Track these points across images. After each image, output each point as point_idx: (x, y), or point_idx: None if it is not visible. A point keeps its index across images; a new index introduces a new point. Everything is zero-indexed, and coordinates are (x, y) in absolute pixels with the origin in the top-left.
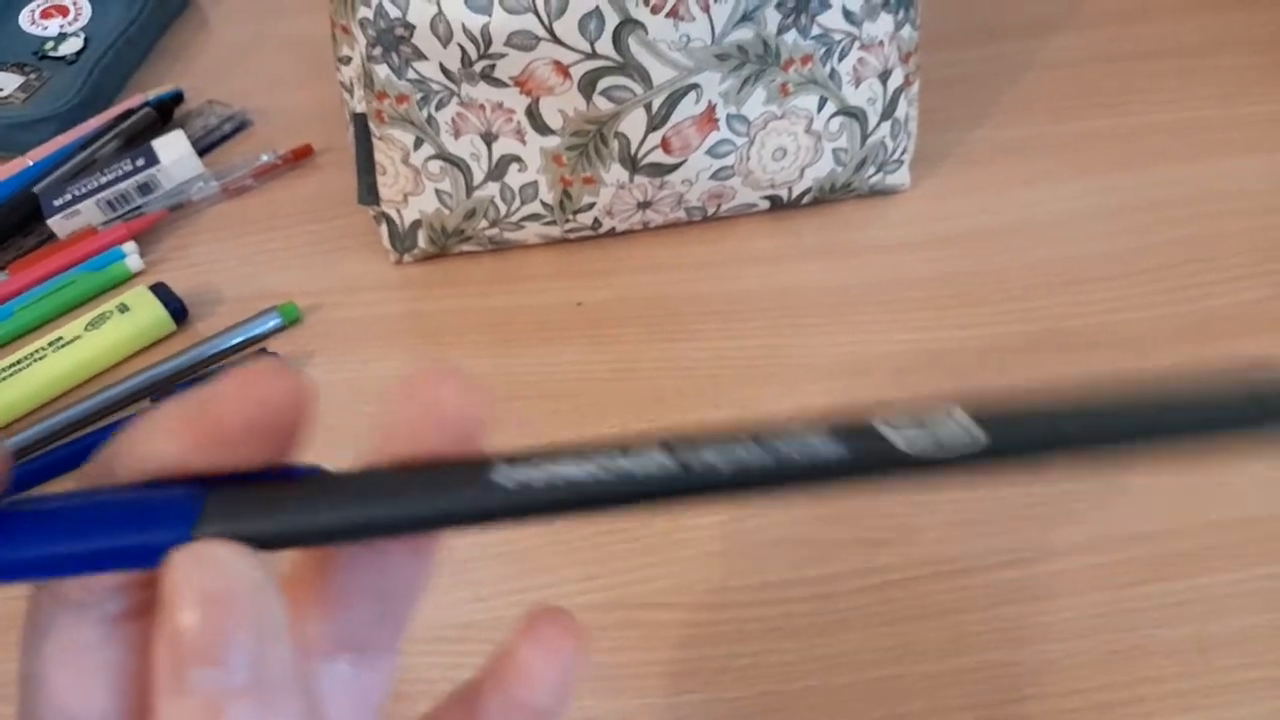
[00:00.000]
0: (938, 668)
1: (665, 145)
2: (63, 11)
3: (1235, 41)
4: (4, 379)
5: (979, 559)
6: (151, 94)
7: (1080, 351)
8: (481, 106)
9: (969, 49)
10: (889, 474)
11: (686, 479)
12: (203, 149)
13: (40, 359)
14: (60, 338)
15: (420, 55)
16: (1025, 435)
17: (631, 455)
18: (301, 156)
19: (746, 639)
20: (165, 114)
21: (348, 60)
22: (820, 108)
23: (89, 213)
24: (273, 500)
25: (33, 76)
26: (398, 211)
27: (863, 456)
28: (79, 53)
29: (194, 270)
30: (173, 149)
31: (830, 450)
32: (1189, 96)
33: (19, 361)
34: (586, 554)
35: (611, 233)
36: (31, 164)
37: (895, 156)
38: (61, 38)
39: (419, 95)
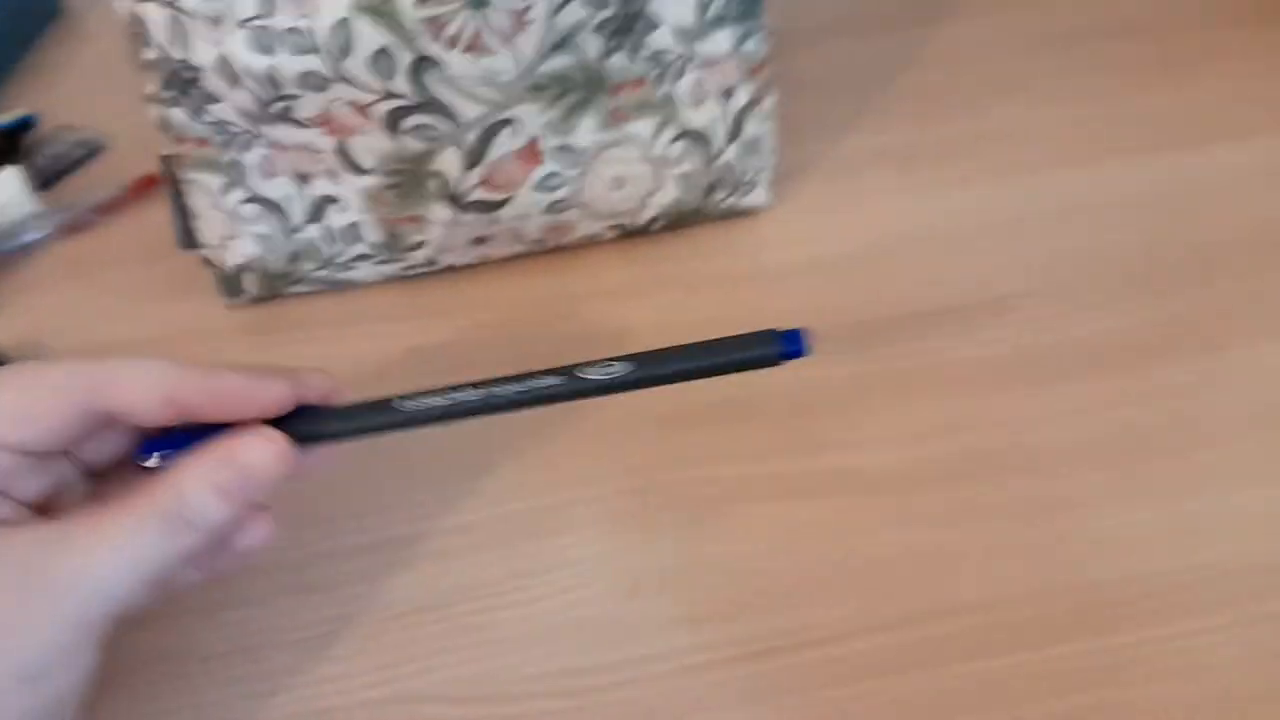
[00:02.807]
0: None
1: (488, 182)
2: None
3: (1113, 28)
4: None
5: (812, 632)
6: (1, 119)
7: (923, 390)
8: (288, 148)
9: (830, 45)
10: (585, 392)
11: (491, 401)
12: (49, 178)
13: None
14: None
15: (213, 98)
16: (648, 368)
17: (462, 391)
18: (147, 187)
19: None
20: (12, 143)
21: (155, 98)
22: (658, 132)
23: None
24: (288, 421)
25: None
26: (219, 257)
27: (571, 383)
28: None
29: (30, 318)
30: (4, 188)
31: (555, 381)
32: (1069, 92)
33: None
34: (383, 642)
35: (451, 268)
36: None
37: (749, 178)
38: None
39: (220, 138)
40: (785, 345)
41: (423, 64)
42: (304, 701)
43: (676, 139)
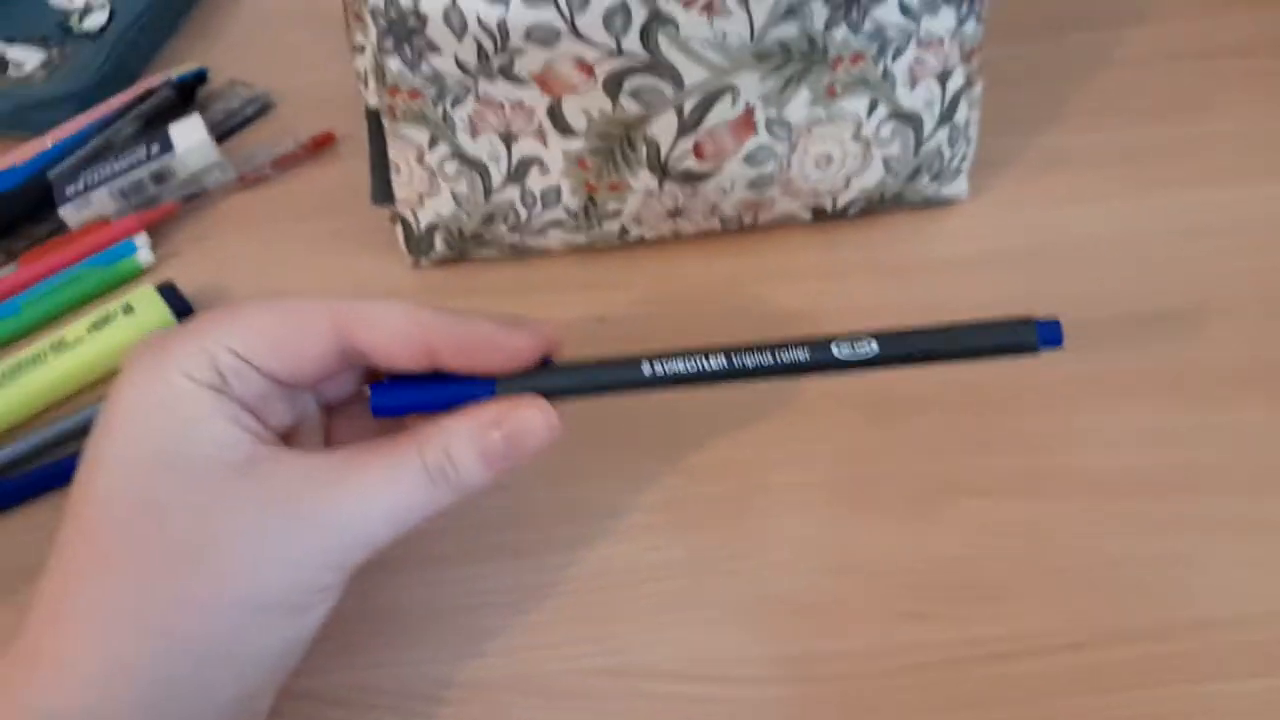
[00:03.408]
0: None
1: (698, 151)
2: None
3: None
4: (4, 385)
5: (1031, 640)
6: (174, 73)
7: (1141, 396)
8: (500, 105)
9: (1035, 42)
10: (834, 365)
11: (735, 370)
12: (223, 133)
13: (41, 363)
14: (63, 340)
15: (434, 48)
16: (899, 345)
17: (708, 357)
18: (323, 145)
19: (766, 718)
20: (188, 94)
21: (362, 49)
22: (871, 111)
23: (101, 202)
24: (525, 375)
25: (55, 52)
26: (413, 213)
27: (819, 355)
28: (104, 27)
29: (205, 266)
30: (189, 136)
31: (803, 354)
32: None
33: (20, 365)
34: (599, 612)
35: (640, 241)
36: (51, 145)
37: (953, 165)
38: (86, 11)
39: (433, 91)
40: (1043, 334)
41: (656, 22)
42: (522, 665)
43: (888, 119)
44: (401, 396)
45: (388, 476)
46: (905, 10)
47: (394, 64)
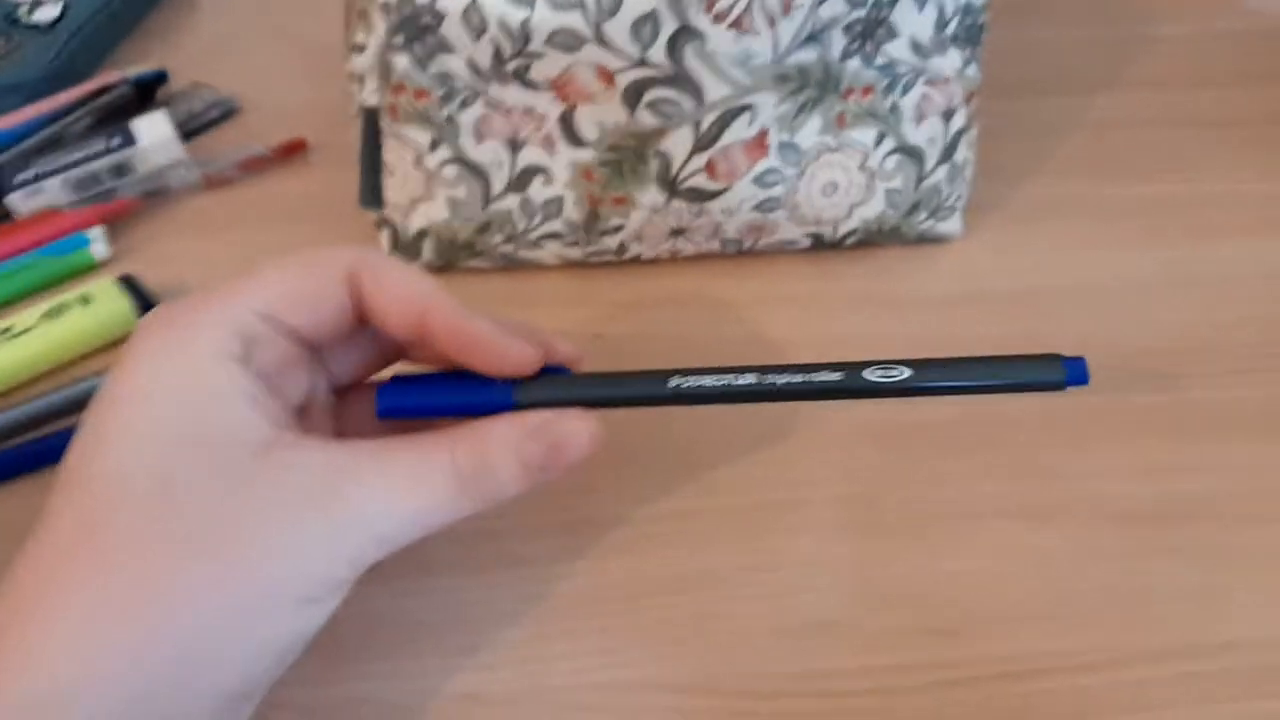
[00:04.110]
0: None
1: (710, 169)
2: None
3: None
4: None
5: (1057, 659)
6: (132, 71)
7: (1141, 430)
8: (510, 110)
9: (1023, 100)
10: (862, 392)
11: (764, 389)
12: (185, 134)
13: None
14: (11, 327)
15: (447, 48)
16: (931, 374)
17: (738, 375)
18: (293, 151)
19: None
20: (146, 94)
21: (361, 49)
22: (878, 143)
23: (53, 192)
24: (547, 384)
25: (2, 43)
26: (403, 218)
27: (849, 381)
28: (55, 21)
29: (165, 265)
30: (153, 130)
31: (835, 376)
32: (1254, 167)
33: None
34: (608, 624)
35: (636, 260)
36: None
37: (949, 203)
38: (37, 3)
39: (441, 92)
40: (1070, 372)
41: (684, 35)
42: (530, 677)
43: (893, 152)
44: (410, 397)
45: (415, 475)
46: (916, 48)
47: (402, 62)
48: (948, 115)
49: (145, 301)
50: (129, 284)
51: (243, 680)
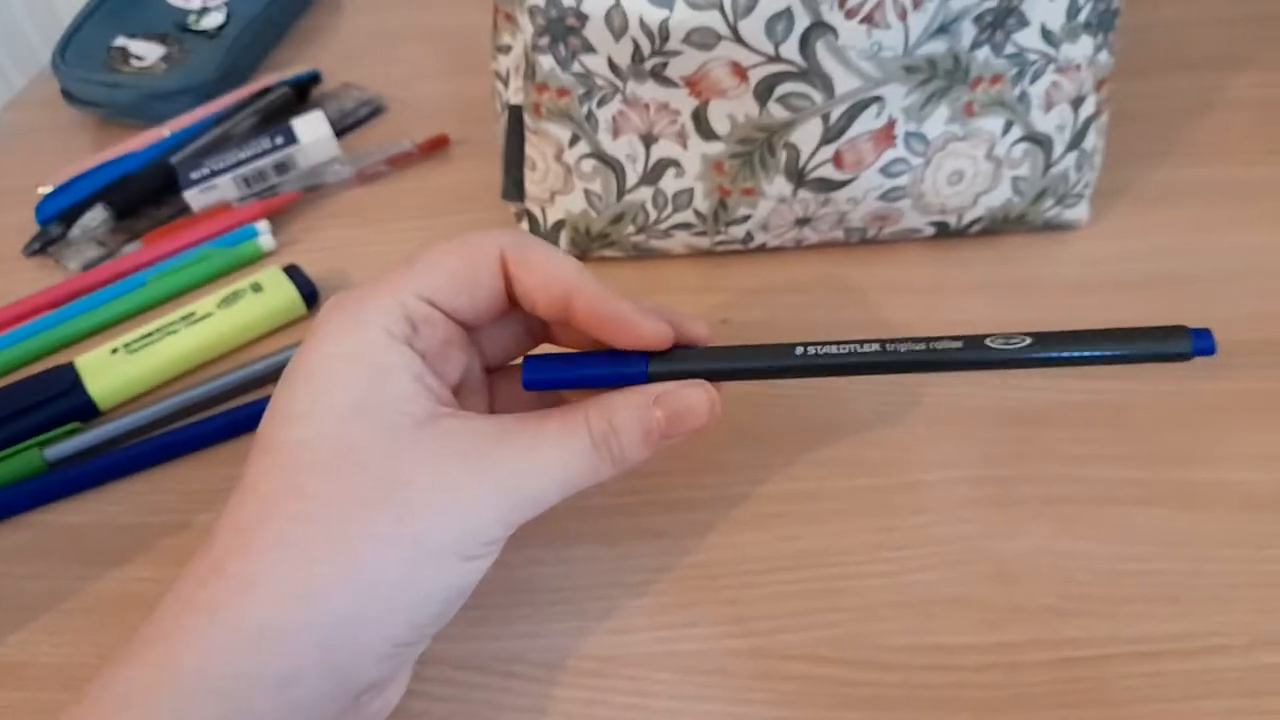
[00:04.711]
0: None
1: (837, 160)
2: None
3: None
4: (136, 350)
5: (1181, 641)
6: (289, 73)
7: (1265, 414)
8: (645, 106)
9: (1152, 81)
10: (986, 362)
11: (887, 357)
12: (337, 132)
13: (173, 333)
14: (193, 313)
15: (589, 48)
16: (1053, 344)
17: (861, 344)
18: (437, 146)
19: (912, 706)
20: (301, 95)
21: (507, 49)
22: (1005, 131)
23: (224, 188)
24: (677, 358)
25: (174, 49)
26: (542, 210)
27: (973, 350)
28: (220, 28)
29: (324, 254)
30: (312, 129)
31: (956, 345)
32: None
33: (151, 333)
34: (737, 594)
35: (762, 248)
36: (169, 134)
37: (1077, 190)
38: (204, 12)
39: (581, 90)
40: (1197, 342)
41: (817, 30)
42: (662, 643)
43: (1020, 140)
44: (553, 370)
45: (558, 441)
46: (1047, 35)
47: (546, 62)
48: (1077, 102)
49: (308, 288)
50: (294, 272)
51: (409, 628)
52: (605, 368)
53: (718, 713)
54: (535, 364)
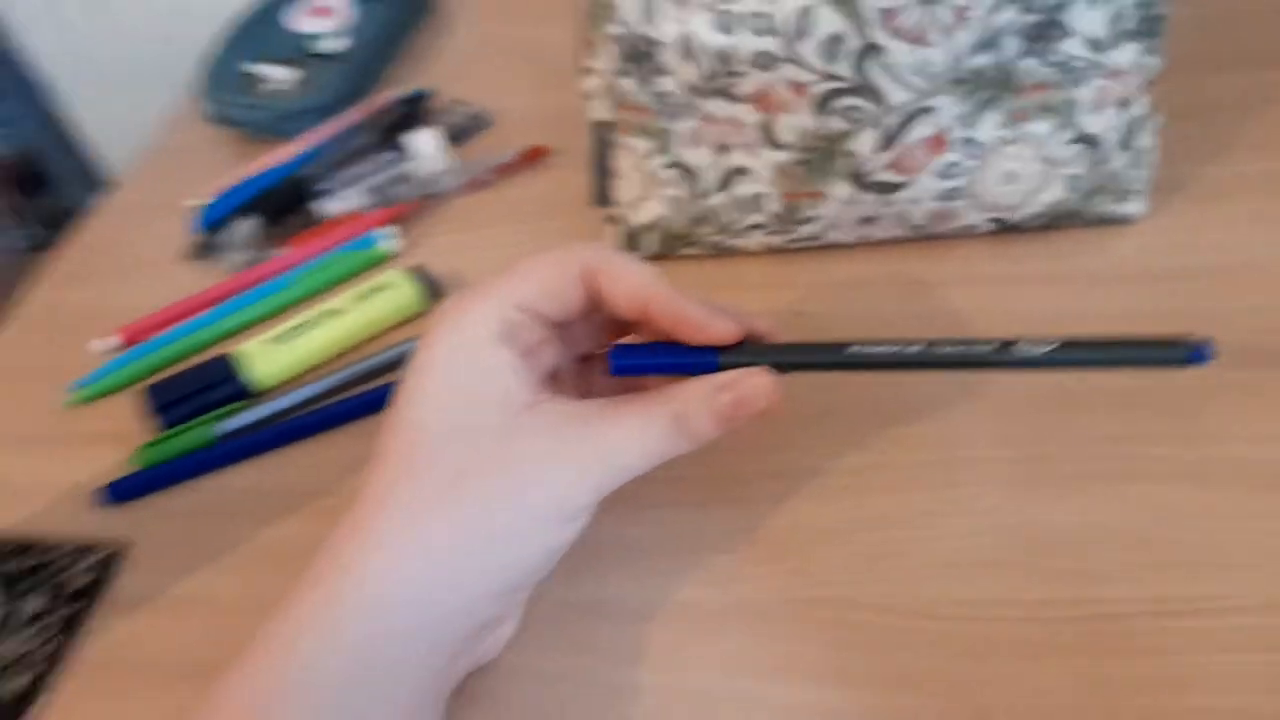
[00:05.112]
0: (1148, 702)
1: (894, 165)
2: (328, 12)
3: None
4: (287, 340)
5: (1201, 602)
6: (403, 91)
7: None
8: (717, 120)
9: (1209, 77)
10: (1014, 362)
11: (928, 356)
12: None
13: (317, 325)
14: (334, 309)
15: (664, 71)
16: (1071, 353)
17: (906, 346)
18: (536, 157)
19: (953, 652)
20: (414, 110)
21: (591, 71)
22: (1055, 134)
23: (352, 197)
24: (744, 351)
25: (302, 72)
26: (629, 215)
27: (1003, 352)
28: (342, 51)
29: (441, 256)
30: (427, 144)
31: (988, 349)
32: None
33: (300, 326)
34: (806, 552)
35: (832, 245)
36: (302, 150)
37: (1131, 186)
38: (327, 36)
39: (660, 107)
40: (1193, 352)
41: (868, 51)
42: (738, 594)
43: (1071, 141)
44: (636, 358)
45: (642, 419)
46: (1091, 44)
47: (627, 84)
48: (1125, 104)
49: (431, 286)
50: (418, 273)
51: (520, 574)
52: (682, 358)
53: (787, 651)
54: (621, 352)
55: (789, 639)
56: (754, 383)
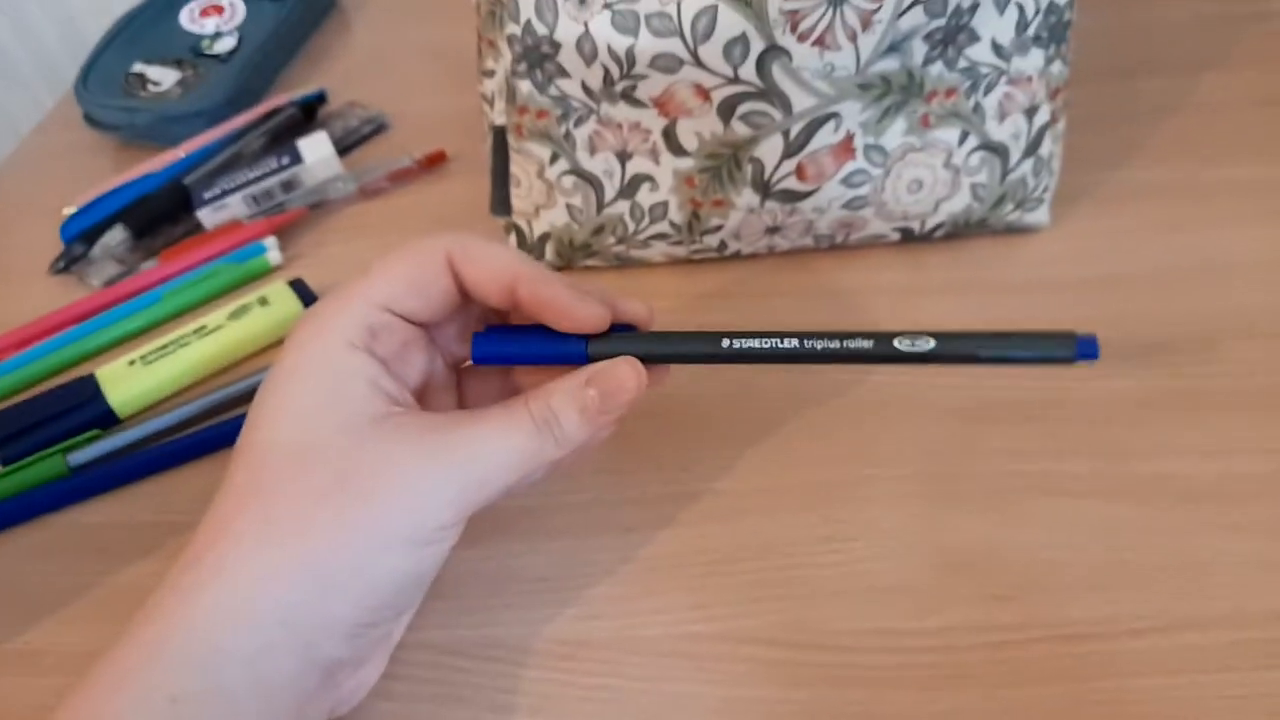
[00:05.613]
0: None
1: (800, 172)
2: (219, 11)
3: None
4: (152, 361)
5: (1108, 625)
6: (297, 94)
7: (1213, 411)
8: (619, 125)
9: (1112, 85)
10: (896, 356)
11: (804, 351)
12: (342, 150)
13: (185, 345)
14: (205, 325)
15: (563, 73)
16: (954, 345)
17: (782, 339)
18: (435, 162)
19: (858, 685)
20: (308, 114)
21: (491, 74)
22: (961, 141)
23: (235, 206)
24: (615, 340)
25: (189, 73)
26: (528, 223)
27: (880, 348)
28: (232, 51)
29: (328, 267)
30: (316, 149)
31: (867, 344)
32: None
33: (166, 346)
34: (699, 583)
35: (736, 256)
36: (184, 156)
37: (1035, 194)
38: (217, 36)
39: (559, 111)
40: (1081, 348)
41: (772, 53)
42: (628, 629)
43: (977, 149)
44: (499, 347)
45: (501, 426)
46: (997, 50)
47: (525, 86)
48: (1031, 112)
49: (311, 301)
50: (299, 286)
51: (366, 610)
52: (549, 346)
53: (679, 692)
54: (483, 340)
55: (679, 677)
56: (617, 372)
